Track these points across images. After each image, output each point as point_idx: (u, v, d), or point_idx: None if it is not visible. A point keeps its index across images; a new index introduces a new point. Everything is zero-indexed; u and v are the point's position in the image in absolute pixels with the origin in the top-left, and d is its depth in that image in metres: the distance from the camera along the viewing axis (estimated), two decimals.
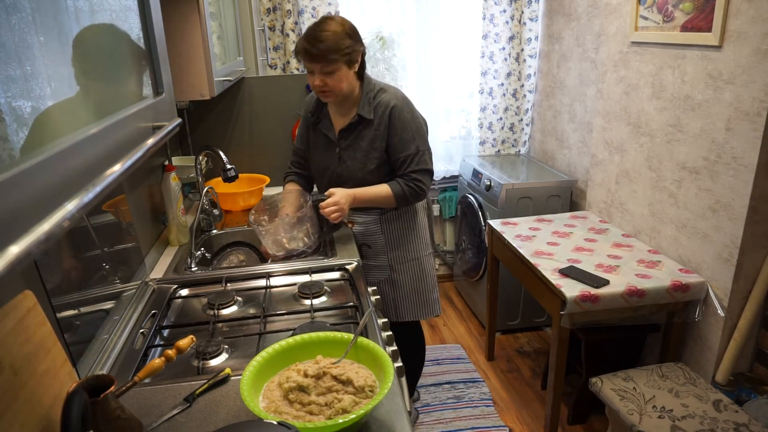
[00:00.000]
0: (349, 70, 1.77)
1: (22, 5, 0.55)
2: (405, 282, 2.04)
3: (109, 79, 0.80)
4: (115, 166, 0.69)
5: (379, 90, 1.87)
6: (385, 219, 1.98)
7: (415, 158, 1.86)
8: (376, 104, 1.84)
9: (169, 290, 1.62)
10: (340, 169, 1.92)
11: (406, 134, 1.84)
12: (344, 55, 1.73)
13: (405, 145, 1.85)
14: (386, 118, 1.83)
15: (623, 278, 2.04)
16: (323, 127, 1.94)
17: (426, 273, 2.06)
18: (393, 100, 1.83)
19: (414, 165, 1.86)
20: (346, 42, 1.72)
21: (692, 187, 2.06)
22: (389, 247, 2.01)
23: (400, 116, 1.83)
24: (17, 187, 0.49)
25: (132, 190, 1.66)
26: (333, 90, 1.78)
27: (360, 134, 1.87)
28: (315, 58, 1.72)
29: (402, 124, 1.83)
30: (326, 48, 1.70)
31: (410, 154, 1.86)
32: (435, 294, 2.10)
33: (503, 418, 2.46)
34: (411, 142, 1.85)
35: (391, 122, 1.83)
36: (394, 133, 1.84)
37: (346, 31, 1.73)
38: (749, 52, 1.76)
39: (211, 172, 2.56)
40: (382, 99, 1.84)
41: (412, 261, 2.03)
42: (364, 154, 1.87)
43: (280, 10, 2.97)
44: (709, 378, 2.03)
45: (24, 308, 0.90)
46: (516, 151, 3.51)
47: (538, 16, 3.23)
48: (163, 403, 1.10)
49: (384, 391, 0.97)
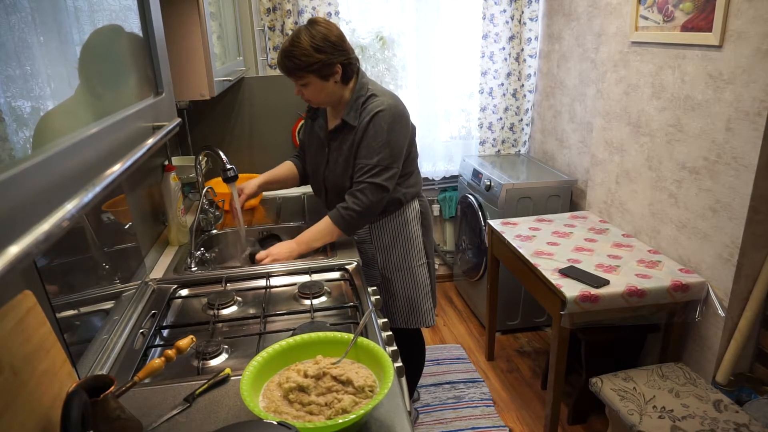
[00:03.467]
0: (324, 82, 1.73)
1: (22, 5, 0.55)
2: (396, 290, 1.99)
3: (109, 79, 0.80)
4: (115, 166, 0.69)
5: (371, 95, 1.78)
6: (376, 227, 1.94)
7: (372, 170, 1.75)
8: (363, 109, 1.77)
9: (169, 290, 1.61)
10: (327, 171, 1.89)
11: (374, 142, 1.74)
12: (313, 71, 1.69)
13: (369, 153, 1.75)
14: (364, 123, 1.75)
15: (623, 278, 2.04)
16: (318, 125, 1.92)
17: (418, 283, 1.99)
18: (380, 107, 1.74)
19: (365, 176, 1.75)
20: (313, 58, 1.66)
21: (692, 187, 2.06)
22: (380, 254, 1.96)
23: (376, 123, 1.74)
24: (17, 187, 0.49)
25: (132, 190, 1.66)
26: (312, 100, 1.78)
27: (345, 139, 1.82)
28: (285, 71, 1.72)
29: (375, 131, 1.74)
30: (293, 66, 1.68)
31: (368, 164, 1.75)
32: (428, 304, 2.03)
33: (503, 418, 2.46)
34: (375, 153, 1.74)
35: (367, 126, 1.75)
36: (364, 137, 1.75)
37: (316, 45, 1.66)
38: (749, 52, 1.76)
39: (211, 172, 2.56)
40: (370, 104, 1.76)
41: (403, 270, 1.97)
42: (345, 160, 1.82)
43: (280, 10, 2.97)
44: (710, 378, 2.03)
45: (24, 308, 0.90)
46: (516, 151, 3.51)
47: (538, 16, 3.23)
48: (163, 403, 1.10)
49: (384, 391, 0.97)
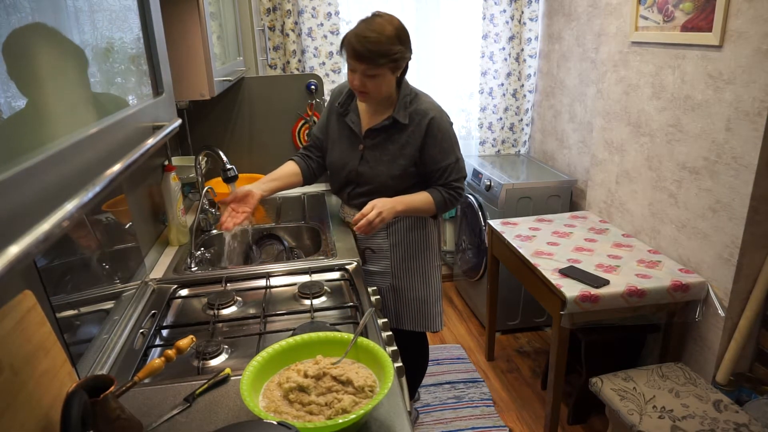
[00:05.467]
0: (392, 76, 1.72)
1: (22, 5, 0.55)
2: (408, 292, 1.97)
3: (109, 79, 0.80)
4: (115, 166, 0.69)
5: (415, 96, 1.82)
6: (394, 230, 1.92)
7: (455, 167, 1.85)
8: (413, 110, 1.79)
9: (169, 290, 1.61)
10: (361, 167, 1.85)
11: (446, 144, 1.81)
12: (392, 61, 1.67)
13: (445, 155, 1.82)
14: (423, 127, 1.78)
15: (623, 278, 2.04)
16: (350, 120, 1.87)
17: (431, 286, 1.99)
18: (432, 111, 1.79)
19: (455, 174, 1.85)
20: (396, 47, 1.65)
21: (692, 187, 2.06)
22: (393, 252, 1.93)
23: (440, 127, 1.80)
24: (17, 187, 0.49)
25: (132, 190, 1.66)
26: (371, 93, 1.73)
27: (391, 137, 1.81)
28: (361, 57, 1.64)
29: (442, 134, 1.80)
30: (376, 51, 1.63)
31: (450, 163, 1.83)
32: (438, 308, 2.02)
33: (503, 418, 2.46)
34: (451, 152, 1.83)
35: (430, 132, 1.78)
36: (433, 143, 1.80)
37: (398, 35, 1.66)
38: (749, 52, 1.76)
39: (211, 172, 2.56)
40: (419, 106, 1.80)
41: (418, 271, 1.96)
42: (391, 159, 1.82)
43: (280, 10, 2.97)
44: (710, 378, 2.03)
45: (24, 308, 0.90)
46: (516, 151, 3.51)
47: (538, 16, 3.23)
48: (163, 403, 1.10)
49: (384, 391, 0.97)
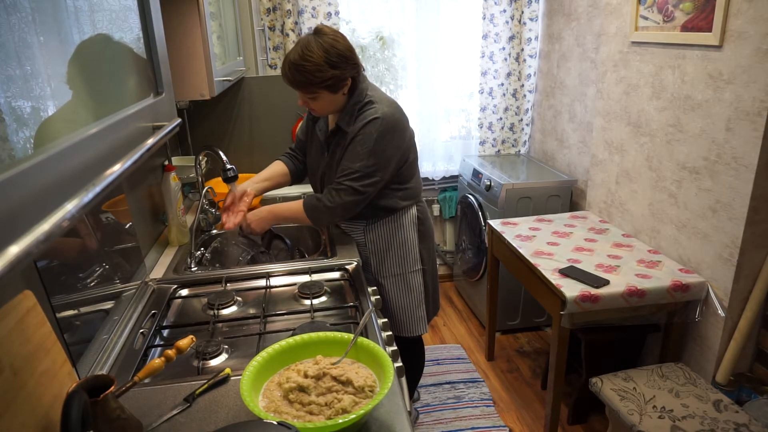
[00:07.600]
0: (334, 95, 1.68)
1: (22, 5, 0.55)
2: (390, 295, 1.96)
3: (109, 79, 0.80)
4: (115, 166, 0.69)
5: (368, 102, 1.73)
6: (370, 230, 1.90)
7: (352, 174, 1.70)
8: (359, 116, 1.72)
9: (169, 290, 1.61)
10: (327, 172, 1.86)
11: (360, 148, 1.69)
12: (326, 87, 1.64)
13: (353, 157, 1.69)
14: (357, 129, 1.71)
15: (623, 278, 2.04)
16: (319, 126, 1.89)
17: (411, 289, 1.95)
18: (374, 114, 1.69)
19: (344, 178, 1.71)
20: (328, 73, 1.60)
21: (692, 187, 2.06)
22: (373, 257, 1.93)
23: (366, 130, 1.68)
24: (17, 187, 0.49)
25: (132, 190, 1.66)
26: (317, 110, 1.75)
27: (339, 144, 1.79)
28: (293, 85, 1.65)
29: (363, 138, 1.68)
30: (305, 81, 1.61)
31: (350, 167, 1.70)
32: (421, 312, 1.99)
33: (503, 418, 2.46)
34: (358, 159, 1.69)
35: (357, 132, 1.70)
36: (352, 142, 1.71)
37: (329, 60, 1.60)
38: (749, 52, 1.76)
39: (211, 172, 2.56)
40: (366, 111, 1.71)
41: (396, 275, 1.93)
42: (338, 163, 1.78)
43: (280, 10, 2.97)
44: (710, 378, 2.03)
45: (24, 308, 0.90)
46: (516, 151, 3.51)
47: (538, 16, 3.23)
48: (163, 403, 1.10)
49: (384, 391, 0.97)
